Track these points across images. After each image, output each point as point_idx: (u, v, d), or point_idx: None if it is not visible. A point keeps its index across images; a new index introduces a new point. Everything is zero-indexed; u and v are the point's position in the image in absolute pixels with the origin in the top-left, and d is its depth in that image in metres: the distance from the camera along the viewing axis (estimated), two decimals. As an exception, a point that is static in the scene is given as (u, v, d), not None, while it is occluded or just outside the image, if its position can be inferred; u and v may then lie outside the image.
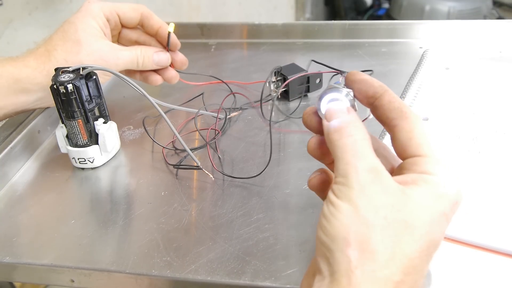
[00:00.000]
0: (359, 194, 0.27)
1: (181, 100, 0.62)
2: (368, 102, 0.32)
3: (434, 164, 0.29)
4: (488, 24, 0.73)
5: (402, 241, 0.26)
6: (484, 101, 0.55)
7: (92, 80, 0.47)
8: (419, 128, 0.30)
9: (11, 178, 0.50)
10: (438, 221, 0.27)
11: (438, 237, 0.27)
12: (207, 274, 0.37)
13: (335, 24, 0.76)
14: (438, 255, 0.36)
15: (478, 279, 0.34)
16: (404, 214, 0.27)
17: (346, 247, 0.26)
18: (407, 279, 0.26)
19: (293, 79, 0.58)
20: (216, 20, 1.55)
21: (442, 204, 0.28)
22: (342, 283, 0.26)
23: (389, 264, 0.26)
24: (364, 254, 0.26)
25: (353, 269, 0.25)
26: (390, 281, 0.25)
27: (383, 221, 0.26)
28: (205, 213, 0.43)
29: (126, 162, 0.52)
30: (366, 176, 0.28)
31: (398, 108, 0.30)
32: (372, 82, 0.32)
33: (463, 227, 0.37)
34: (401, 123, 0.30)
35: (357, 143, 0.29)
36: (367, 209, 0.27)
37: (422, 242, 0.26)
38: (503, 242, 0.36)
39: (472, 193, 0.41)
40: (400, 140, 0.30)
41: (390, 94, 0.31)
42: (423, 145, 0.29)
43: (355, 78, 0.32)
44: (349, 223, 0.27)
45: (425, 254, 0.27)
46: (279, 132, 0.54)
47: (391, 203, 0.27)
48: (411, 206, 0.27)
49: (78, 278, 0.39)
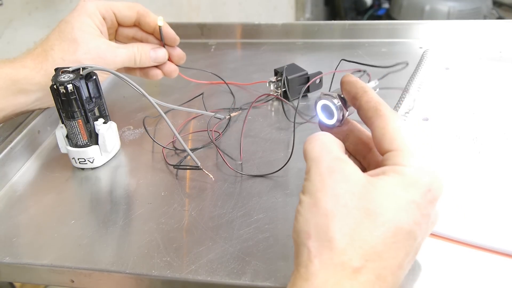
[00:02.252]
0: (319, 185, 0.28)
1: (181, 100, 0.62)
2: (353, 103, 0.34)
3: (406, 157, 0.29)
4: (488, 24, 0.73)
5: (362, 228, 0.27)
6: (484, 101, 0.55)
7: (92, 80, 0.47)
8: (392, 124, 0.31)
9: (11, 178, 0.50)
10: (406, 209, 0.27)
11: (408, 225, 0.27)
12: (207, 275, 0.37)
13: (335, 24, 0.76)
14: (439, 255, 0.36)
15: (478, 279, 0.34)
16: (366, 201, 0.27)
17: (307, 240, 0.27)
18: (369, 265, 0.26)
19: (293, 79, 0.58)
20: (216, 20, 1.55)
21: (411, 192, 0.28)
22: (301, 273, 0.27)
23: (347, 250, 0.26)
24: (322, 243, 0.27)
25: (312, 259, 0.26)
26: (348, 267, 0.26)
27: (343, 209, 0.27)
28: (205, 213, 0.43)
29: (126, 162, 0.52)
30: (327, 167, 0.29)
31: (373, 107, 0.32)
32: (355, 84, 0.33)
33: (463, 227, 0.37)
34: (376, 121, 0.31)
35: (322, 142, 0.31)
36: (326, 199, 0.27)
37: (385, 228, 0.27)
38: (502, 242, 0.36)
39: (472, 193, 0.41)
40: (376, 137, 0.31)
41: (368, 95, 0.32)
42: (396, 139, 0.30)
43: (344, 80, 0.34)
44: (310, 216, 0.28)
45: (391, 241, 0.27)
46: (279, 132, 0.54)
47: (352, 191, 0.28)
48: (375, 194, 0.28)
49: (78, 278, 0.39)
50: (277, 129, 0.55)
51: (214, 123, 0.56)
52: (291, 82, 0.58)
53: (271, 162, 0.49)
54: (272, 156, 0.50)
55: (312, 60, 0.71)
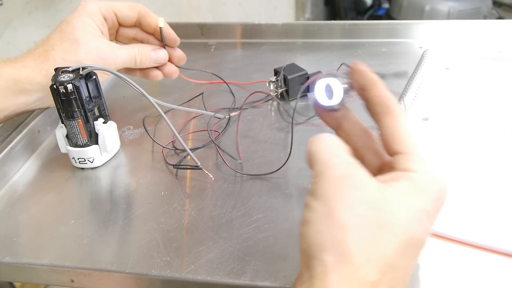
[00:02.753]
0: (333, 193, 0.27)
1: (181, 100, 0.62)
2: (360, 93, 0.32)
3: (417, 162, 0.28)
4: (488, 24, 0.73)
5: (378, 241, 0.26)
6: (484, 101, 0.55)
7: (92, 80, 0.47)
8: (402, 124, 0.30)
9: (11, 178, 0.50)
10: (418, 218, 0.27)
11: (419, 234, 0.27)
12: (207, 274, 0.37)
13: (335, 24, 0.76)
14: (439, 255, 0.36)
15: (478, 279, 0.34)
16: (380, 212, 0.26)
17: (321, 252, 0.26)
18: (384, 278, 0.26)
19: (293, 79, 0.58)
20: (216, 20, 1.55)
21: (423, 201, 0.27)
22: (316, 286, 0.26)
23: (365, 265, 0.25)
24: (340, 257, 0.26)
25: (329, 273, 0.25)
26: (366, 282, 0.25)
27: (359, 220, 0.26)
28: (205, 213, 0.43)
29: (126, 162, 0.52)
30: (340, 174, 0.28)
31: (383, 102, 0.30)
32: (365, 74, 0.32)
33: (463, 227, 0.37)
34: (385, 118, 0.30)
35: (330, 145, 0.29)
36: (341, 209, 0.26)
37: (399, 240, 0.26)
38: (502, 242, 0.36)
39: (472, 193, 0.41)
40: (384, 136, 0.30)
41: (378, 88, 0.31)
42: (406, 141, 0.29)
43: (354, 67, 0.33)
44: (324, 228, 0.26)
45: (403, 251, 0.26)
46: (279, 132, 0.54)
47: (366, 200, 0.27)
48: (389, 203, 0.27)
49: (78, 278, 0.39)
50: (277, 129, 0.55)
51: (214, 123, 0.56)
52: (291, 82, 0.58)
53: (271, 162, 0.49)
54: (272, 156, 0.50)
55: (312, 60, 0.71)
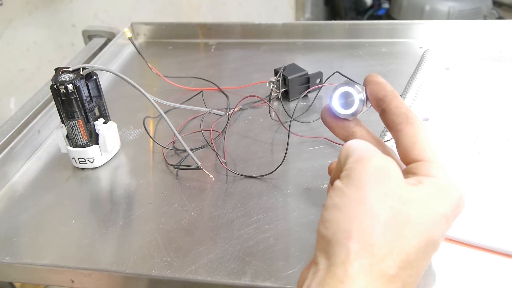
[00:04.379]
0: (369, 178, 0.27)
1: (180, 99, 0.62)
2: (377, 104, 0.33)
3: (438, 168, 0.29)
4: (488, 24, 0.73)
5: (402, 235, 0.26)
6: (484, 101, 0.55)
7: (92, 80, 0.47)
8: (422, 134, 0.30)
9: (11, 178, 0.50)
10: (439, 222, 0.27)
11: (437, 237, 0.27)
12: (207, 275, 0.37)
13: (335, 24, 0.76)
14: (439, 255, 0.36)
15: (478, 279, 0.34)
16: (409, 208, 0.27)
17: (348, 240, 0.26)
18: (401, 273, 0.26)
19: (293, 79, 0.58)
20: (216, 20, 1.55)
21: (444, 206, 0.28)
22: (338, 274, 0.26)
23: (387, 258, 0.26)
24: (364, 247, 0.26)
25: (352, 261, 0.25)
26: (385, 275, 0.26)
27: (388, 212, 0.26)
28: (205, 214, 0.43)
29: (126, 162, 0.52)
30: (377, 163, 0.28)
31: (404, 113, 0.31)
32: (385, 86, 0.33)
33: (463, 228, 0.37)
34: (406, 128, 0.31)
35: (368, 144, 0.30)
36: (375, 197, 0.26)
37: (421, 238, 0.27)
38: (503, 242, 0.36)
39: (472, 193, 0.41)
40: (404, 145, 0.31)
41: (398, 100, 0.32)
42: (426, 150, 0.30)
43: (371, 79, 0.34)
44: (353, 214, 0.26)
45: (422, 251, 0.27)
46: (279, 133, 0.54)
47: (399, 193, 0.27)
48: (416, 202, 0.27)
49: (78, 278, 0.39)
50: (278, 129, 0.55)
51: (212, 122, 0.56)
52: (291, 82, 0.58)
53: (271, 162, 0.49)
54: (273, 157, 0.50)
55: (312, 60, 0.71)
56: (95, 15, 1.07)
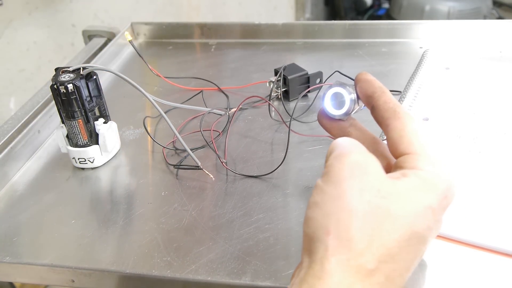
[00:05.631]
0: (346, 174, 0.27)
1: (181, 99, 0.62)
2: (367, 101, 0.33)
3: (424, 161, 0.29)
4: (488, 24, 0.73)
5: (381, 229, 0.26)
6: (484, 101, 0.55)
7: (93, 80, 0.47)
8: (410, 127, 0.30)
9: (12, 178, 0.50)
10: (423, 214, 0.27)
11: (422, 230, 0.27)
12: (207, 274, 0.37)
13: (335, 24, 0.76)
14: (439, 255, 0.36)
15: (478, 279, 0.34)
16: (388, 201, 0.27)
17: (326, 236, 0.26)
18: (383, 267, 0.26)
19: (293, 79, 0.58)
20: (216, 20, 1.55)
21: (429, 198, 0.28)
22: (315, 270, 0.26)
23: (365, 252, 0.26)
24: (342, 242, 0.26)
25: (329, 257, 0.26)
26: (363, 269, 0.26)
27: (366, 206, 0.26)
28: (205, 213, 0.43)
29: (126, 162, 0.52)
30: (355, 159, 0.28)
31: (391, 108, 0.31)
32: (373, 83, 0.33)
33: (463, 227, 0.37)
34: (394, 123, 0.31)
35: (353, 140, 0.30)
36: (353, 192, 0.27)
37: (402, 232, 0.26)
38: (503, 242, 0.36)
39: (473, 193, 0.41)
40: (392, 139, 0.31)
41: (387, 96, 0.32)
42: (413, 143, 0.30)
43: (360, 77, 0.34)
44: (332, 211, 0.27)
45: (405, 244, 0.26)
46: (279, 132, 0.54)
47: (377, 187, 0.27)
48: (397, 195, 0.27)
49: (78, 278, 0.39)
50: (278, 129, 0.55)
51: (212, 122, 0.56)
52: (291, 82, 0.58)
53: (271, 162, 0.49)
54: (273, 156, 0.50)
55: (312, 60, 0.71)
56: (95, 15, 1.07)
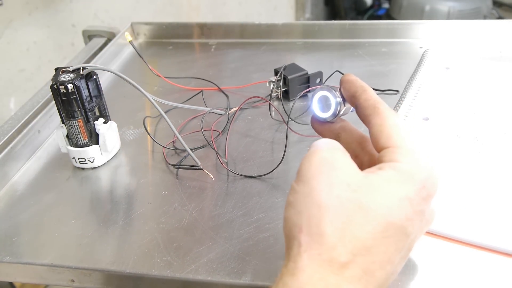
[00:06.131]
0: (314, 172, 0.28)
1: (181, 99, 0.62)
2: (351, 102, 0.34)
3: (403, 153, 0.29)
4: (488, 24, 0.73)
5: (353, 222, 0.26)
6: (484, 101, 0.55)
7: (93, 80, 0.47)
8: (389, 121, 0.31)
9: (12, 178, 0.50)
10: (399, 205, 0.27)
11: (399, 220, 0.27)
12: (207, 274, 0.37)
13: (335, 24, 0.76)
14: (439, 254, 0.36)
15: (477, 278, 0.34)
16: (359, 194, 0.27)
17: (299, 233, 0.27)
18: (358, 259, 0.26)
19: (293, 79, 0.58)
20: (216, 20, 1.55)
21: (405, 189, 0.28)
22: (289, 268, 0.26)
23: (337, 245, 0.26)
24: (313, 238, 0.26)
25: (302, 253, 0.26)
26: (335, 262, 0.26)
27: (336, 201, 0.27)
28: (205, 213, 0.43)
29: (126, 162, 0.52)
30: (324, 156, 0.28)
31: (372, 105, 0.32)
32: (355, 83, 0.33)
33: (463, 226, 0.37)
34: (374, 119, 0.31)
35: (329, 140, 0.30)
36: (321, 187, 0.27)
37: (376, 223, 0.26)
38: (503, 241, 0.36)
39: (472, 192, 0.41)
40: (373, 134, 0.31)
41: (367, 93, 0.32)
42: (392, 136, 0.30)
43: (343, 78, 0.34)
44: (303, 208, 0.27)
45: (380, 236, 0.26)
46: (279, 132, 0.54)
47: (347, 182, 0.27)
48: (368, 188, 0.27)
49: (78, 278, 0.39)
50: (278, 129, 0.55)
51: (212, 122, 0.56)
52: (291, 82, 0.58)
53: (271, 162, 0.49)
54: (273, 156, 0.50)
55: (312, 60, 0.71)
56: (95, 15, 1.07)
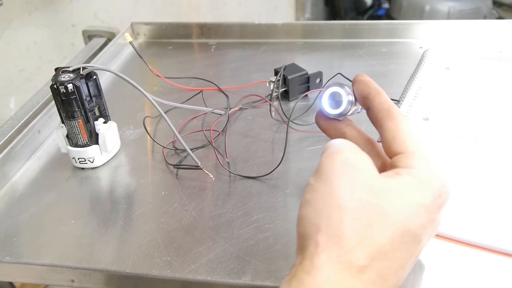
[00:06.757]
0: (337, 172, 0.28)
1: (181, 99, 0.62)
2: (363, 102, 0.34)
3: (418, 160, 0.29)
4: (488, 24, 0.73)
5: (372, 226, 0.26)
6: (484, 101, 0.55)
7: (92, 80, 0.47)
8: (404, 127, 0.31)
9: (12, 178, 0.50)
10: (416, 212, 0.27)
11: (415, 228, 0.27)
12: (207, 274, 0.37)
13: (335, 24, 0.76)
14: (439, 254, 0.36)
15: (478, 279, 0.34)
16: (380, 199, 0.27)
17: (317, 233, 0.26)
18: (375, 264, 0.26)
19: (293, 79, 0.58)
20: (216, 20, 1.55)
21: (422, 196, 0.28)
22: (305, 266, 0.26)
23: (356, 249, 0.26)
24: (332, 239, 0.26)
25: (319, 253, 0.26)
26: (354, 266, 0.26)
27: (357, 203, 0.27)
28: (205, 213, 0.43)
29: (126, 162, 0.52)
30: (347, 156, 0.28)
31: (386, 109, 0.32)
32: (369, 84, 0.33)
33: (463, 226, 0.37)
34: (387, 123, 0.31)
35: (347, 140, 0.30)
36: (343, 189, 0.27)
37: (394, 229, 0.26)
38: (503, 242, 0.36)
39: (473, 192, 0.41)
40: (386, 139, 0.31)
41: (381, 96, 0.32)
42: (406, 142, 0.30)
43: (357, 78, 0.34)
44: (322, 208, 0.27)
45: (398, 242, 0.27)
46: (279, 132, 0.54)
47: (369, 185, 0.27)
48: (389, 193, 0.27)
49: (78, 278, 0.39)
50: (278, 129, 0.55)
51: (212, 122, 0.56)
52: (291, 82, 0.58)
53: (271, 162, 0.49)
54: (273, 156, 0.50)
55: (312, 60, 0.71)
56: (95, 15, 1.07)
